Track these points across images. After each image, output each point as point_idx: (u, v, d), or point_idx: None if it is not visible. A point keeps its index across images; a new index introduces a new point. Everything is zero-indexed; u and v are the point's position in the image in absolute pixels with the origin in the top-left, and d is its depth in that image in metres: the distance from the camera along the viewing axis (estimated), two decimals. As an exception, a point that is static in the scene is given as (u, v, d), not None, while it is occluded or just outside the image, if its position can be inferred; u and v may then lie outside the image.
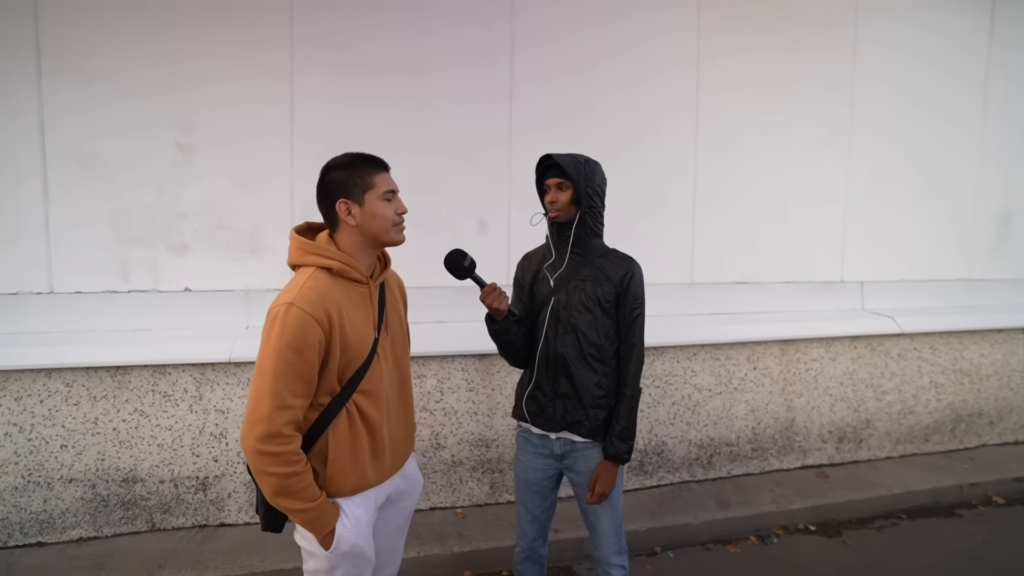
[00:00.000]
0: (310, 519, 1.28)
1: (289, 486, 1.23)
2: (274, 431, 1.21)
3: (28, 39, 2.51)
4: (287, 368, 1.22)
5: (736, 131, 3.39)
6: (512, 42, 3.04)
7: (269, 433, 1.20)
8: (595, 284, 1.74)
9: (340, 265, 1.34)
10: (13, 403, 2.42)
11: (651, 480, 3.17)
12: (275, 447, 1.21)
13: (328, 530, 1.31)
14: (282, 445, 1.22)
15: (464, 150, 3.01)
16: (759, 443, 3.34)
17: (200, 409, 2.60)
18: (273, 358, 1.22)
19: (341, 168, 1.37)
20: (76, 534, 2.52)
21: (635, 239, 3.19)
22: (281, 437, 1.22)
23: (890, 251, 3.74)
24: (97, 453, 2.51)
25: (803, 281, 3.57)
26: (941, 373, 3.66)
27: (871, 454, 3.56)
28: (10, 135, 2.52)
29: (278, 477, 1.22)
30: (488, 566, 2.57)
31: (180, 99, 2.67)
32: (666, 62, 3.27)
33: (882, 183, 3.68)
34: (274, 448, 1.21)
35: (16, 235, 2.56)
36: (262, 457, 1.21)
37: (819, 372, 3.42)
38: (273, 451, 1.21)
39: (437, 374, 2.85)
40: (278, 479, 1.22)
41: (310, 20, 2.78)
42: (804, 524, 2.99)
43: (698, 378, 3.20)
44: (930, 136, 3.75)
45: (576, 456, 1.77)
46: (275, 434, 1.21)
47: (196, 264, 2.74)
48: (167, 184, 2.70)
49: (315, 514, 1.28)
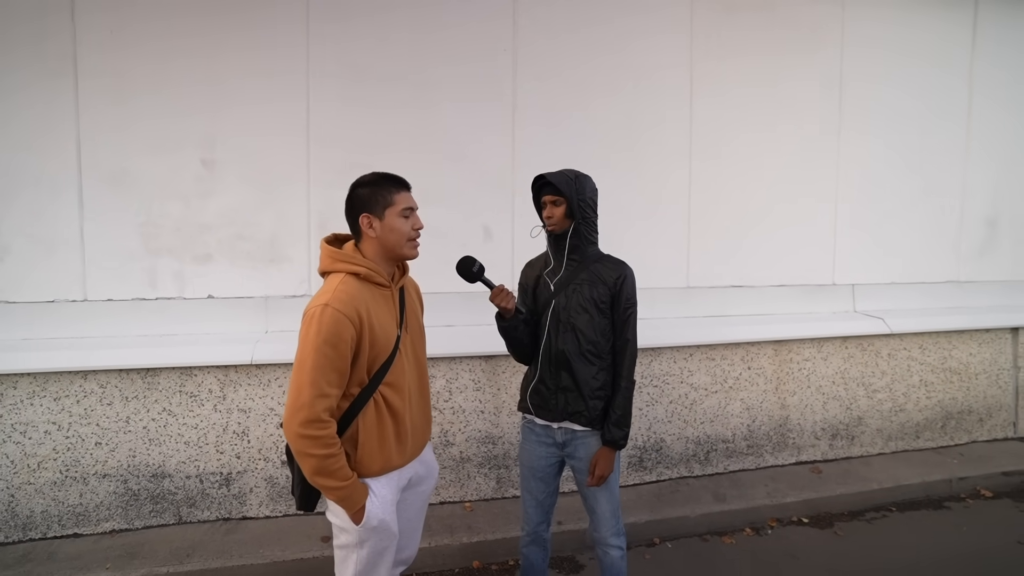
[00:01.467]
0: (343, 496, 1.44)
1: (327, 466, 1.40)
2: (314, 416, 1.38)
3: (67, 63, 2.71)
4: (324, 361, 1.39)
5: (729, 136, 3.55)
6: (514, 51, 3.21)
7: (310, 418, 1.37)
8: (591, 287, 1.90)
9: (366, 271, 1.52)
10: (52, 403, 2.60)
11: (650, 475, 3.31)
12: (315, 431, 1.38)
13: (359, 507, 1.47)
14: (321, 429, 1.39)
15: (469, 159, 3.18)
16: (754, 440, 3.47)
17: (224, 409, 2.76)
18: (312, 353, 1.39)
19: (366, 186, 1.56)
20: (109, 526, 2.68)
21: (631, 244, 3.36)
22: (320, 422, 1.39)
23: (881, 254, 3.88)
24: (129, 450, 2.68)
25: (796, 284, 3.71)
26: (931, 372, 3.80)
27: (863, 450, 3.69)
28: (49, 153, 2.71)
29: (317, 458, 1.39)
30: (495, 556, 2.71)
31: (204, 117, 2.86)
32: (661, 74, 3.43)
33: (872, 186, 3.83)
34: (314, 432, 1.38)
35: (54, 247, 2.74)
36: (304, 440, 1.38)
37: (811, 371, 3.56)
38: (313, 435, 1.38)
39: (446, 375, 3.01)
40: (317, 460, 1.39)
41: (324, 40, 2.97)
42: (797, 517, 3.12)
43: (694, 377, 3.34)
44: (918, 140, 3.90)
45: (576, 444, 1.93)
46: (315, 419, 1.38)
47: (219, 273, 2.92)
48: (192, 197, 2.88)
49: (348, 492, 1.44)
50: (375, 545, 1.52)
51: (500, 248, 3.25)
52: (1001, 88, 4.05)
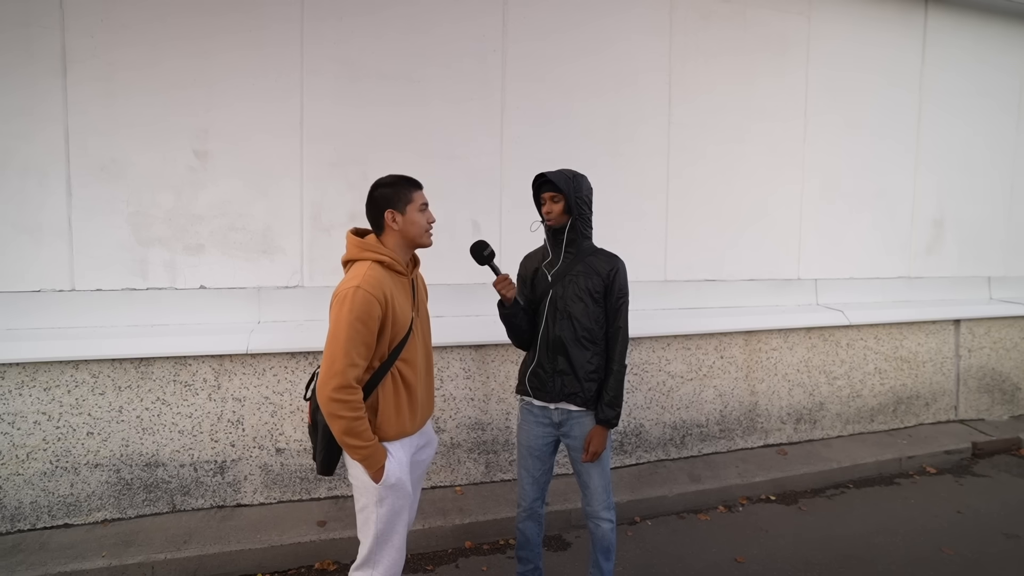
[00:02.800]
0: (367, 455, 1.62)
1: (354, 428, 1.58)
2: (346, 383, 1.56)
3: (55, 51, 2.67)
4: (356, 335, 1.57)
5: (704, 141, 3.76)
6: (503, 52, 3.32)
7: (342, 384, 1.55)
8: (586, 278, 2.06)
9: (390, 260, 1.71)
10: (42, 393, 2.58)
11: (630, 459, 3.49)
12: (346, 396, 1.56)
13: (380, 466, 1.64)
14: (351, 395, 1.57)
15: (459, 156, 3.28)
16: (726, 424, 3.70)
17: (218, 398, 2.79)
18: (346, 328, 1.56)
19: (388, 186, 1.75)
20: (101, 516, 2.68)
21: (615, 241, 3.49)
22: (351, 388, 1.57)
23: (840, 252, 4.17)
24: (122, 439, 2.68)
25: (765, 279, 3.96)
26: (884, 360, 4.11)
27: (824, 433, 3.98)
28: (37, 141, 2.67)
29: (347, 420, 1.57)
30: (486, 536, 2.84)
31: (197, 108, 2.86)
32: (641, 77, 3.60)
33: (833, 189, 4.12)
34: (345, 396, 1.56)
35: (40, 236, 2.71)
36: (336, 403, 1.56)
37: (778, 360, 3.81)
38: (344, 399, 1.56)
39: (437, 363, 3.11)
40: (347, 421, 1.57)
41: (318, 38, 3.01)
42: (766, 495, 3.36)
43: (671, 366, 3.54)
44: (873, 148, 4.21)
45: (572, 423, 2.08)
46: (347, 385, 1.56)
47: (211, 263, 2.94)
48: (184, 188, 2.88)
49: (371, 451, 1.62)
50: (393, 503, 1.68)
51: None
52: (949, 96, 4.40)
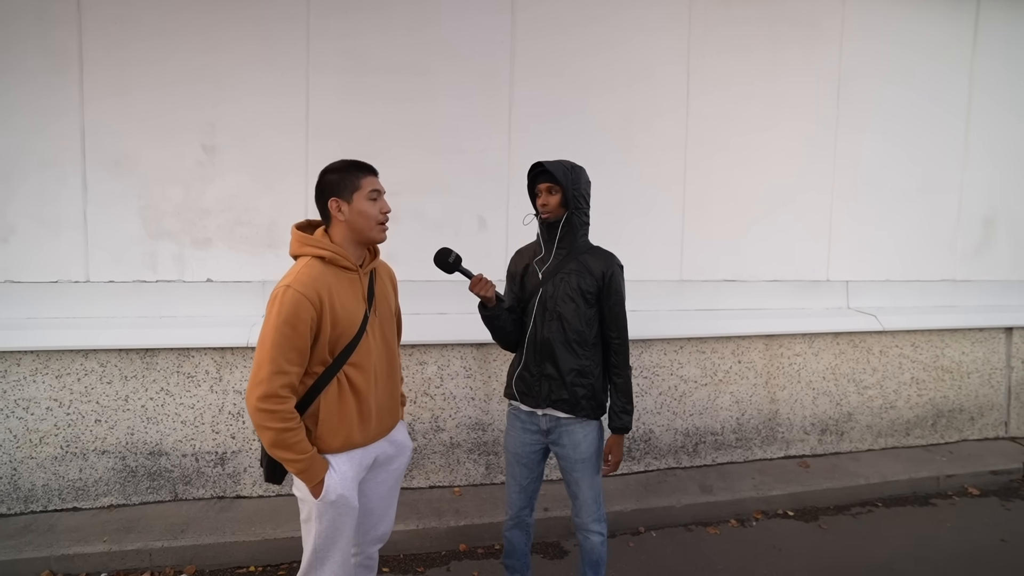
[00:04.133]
0: (302, 469, 1.49)
1: (284, 439, 1.45)
2: (271, 392, 1.43)
3: (72, 49, 2.77)
4: (283, 340, 1.44)
5: (725, 133, 3.57)
6: (512, 45, 3.24)
7: (267, 393, 1.43)
8: (579, 277, 1.93)
9: (331, 254, 1.56)
10: (54, 380, 2.67)
11: (638, 466, 3.35)
12: (272, 405, 1.44)
13: (318, 480, 1.52)
14: (278, 404, 1.44)
15: (465, 151, 3.22)
16: (743, 433, 3.51)
17: (220, 390, 2.83)
18: (272, 331, 1.44)
19: (335, 172, 1.60)
20: (107, 501, 2.76)
21: (626, 238, 3.40)
22: (277, 397, 1.44)
23: (876, 252, 3.89)
24: (127, 428, 2.76)
25: (789, 280, 3.74)
26: (923, 370, 3.81)
27: (852, 446, 3.72)
28: (54, 138, 2.78)
29: (274, 431, 1.44)
30: (482, 540, 2.77)
31: (205, 103, 2.92)
32: (657, 69, 3.46)
33: (868, 183, 3.84)
34: (271, 406, 1.44)
35: (58, 229, 2.82)
36: (261, 414, 1.44)
37: (802, 367, 3.58)
38: (270, 409, 1.44)
39: (437, 361, 3.06)
40: (274, 432, 1.45)
41: (324, 33, 3.01)
42: (783, 510, 3.16)
43: (684, 370, 3.38)
44: (916, 136, 3.90)
45: (560, 431, 1.97)
46: (272, 395, 1.44)
47: (218, 257, 2.99)
48: (192, 182, 2.94)
49: (306, 465, 1.49)
50: (334, 519, 1.56)
51: (495, 238, 3.29)
52: (1003, 86, 4.04)
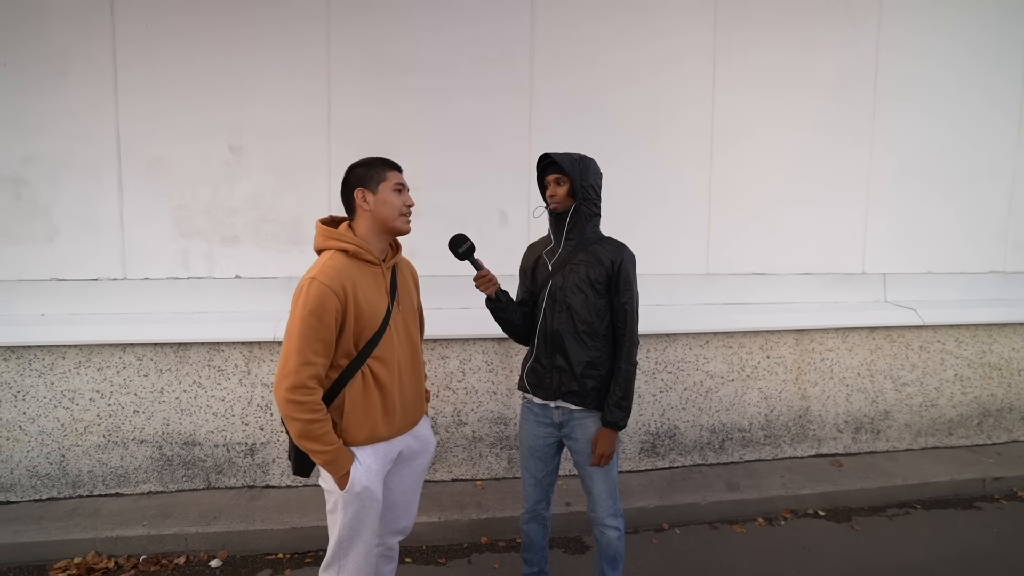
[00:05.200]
0: (328, 460, 1.52)
1: (311, 431, 1.49)
2: (299, 383, 1.46)
3: (107, 56, 2.89)
4: (310, 331, 1.47)
5: (753, 122, 3.45)
6: (531, 41, 3.22)
7: (295, 384, 1.46)
8: (588, 267, 1.91)
9: (355, 248, 1.59)
10: (96, 373, 2.82)
11: (663, 462, 3.30)
12: (300, 396, 1.47)
13: (343, 472, 1.55)
14: (305, 395, 1.47)
15: (486, 147, 3.22)
16: (772, 430, 3.41)
17: (249, 383, 2.93)
18: (299, 323, 1.48)
19: (362, 166, 1.65)
20: (146, 488, 2.90)
21: (650, 231, 3.34)
22: (305, 388, 1.47)
23: (916, 243, 3.70)
24: (163, 419, 2.88)
25: (822, 272, 3.60)
26: (967, 366, 3.61)
27: (889, 445, 3.57)
28: (92, 142, 2.91)
29: (302, 422, 1.48)
30: (503, 533, 2.78)
31: (231, 105, 3.00)
32: (682, 59, 3.36)
33: (908, 170, 3.65)
34: (299, 397, 1.46)
35: (96, 229, 2.95)
36: (289, 405, 1.47)
37: (835, 362, 3.45)
38: (298, 400, 1.46)
39: (459, 355, 3.08)
40: (302, 424, 1.48)
41: (345, 33, 3.05)
42: (814, 509, 3.06)
43: (710, 365, 3.30)
44: (962, 119, 3.68)
45: (573, 425, 1.96)
46: (300, 385, 1.46)
47: (245, 254, 3.08)
48: (220, 182, 3.03)
49: (332, 456, 1.52)
50: (358, 511, 1.59)
51: (516, 233, 3.28)
52: (1060, 64, 3.77)
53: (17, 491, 2.83)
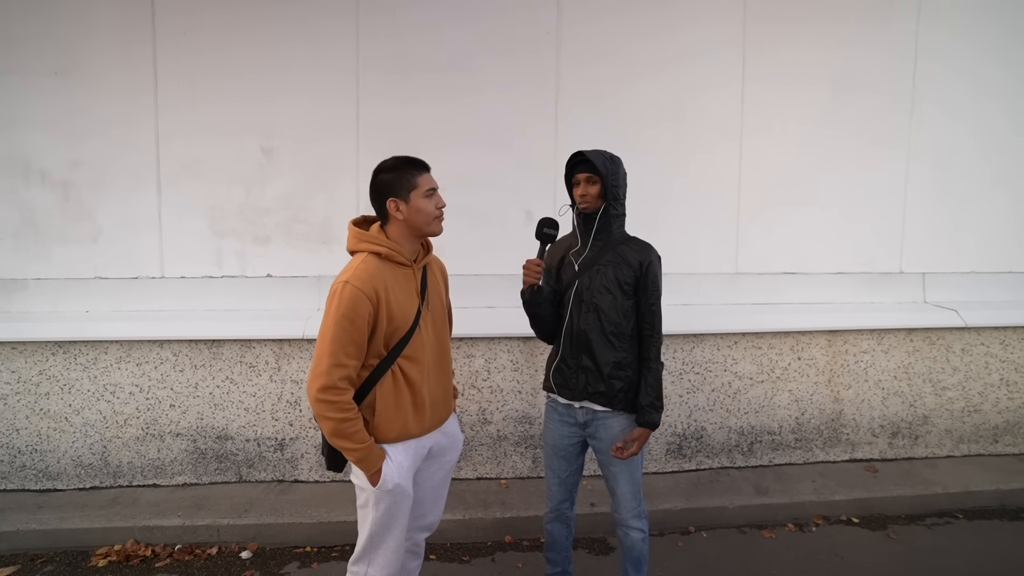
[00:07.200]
0: (360, 458, 1.55)
1: (343, 429, 1.52)
2: (331, 384, 1.49)
3: (147, 62, 3.01)
4: (342, 334, 1.50)
5: (784, 119, 3.37)
6: (558, 36, 3.21)
7: (327, 385, 1.49)
8: (616, 268, 1.90)
9: (387, 251, 1.61)
10: (135, 368, 2.93)
11: (689, 464, 3.25)
12: (331, 396, 1.50)
13: (375, 469, 1.57)
14: (337, 395, 1.51)
15: (511, 144, 3.22)
16: (803, 433, 3.32)
17: (279, 379, 3.00)
18: (332, 326, 1.50)
19: (389, 171, 1.63)
20: (181, 479, 3.00)
21: (676, 228, 3.30)
22: (336, 389, 1.50)
23: (958, 242, 3.55)
24: (197, 413, 2.98)
25: (857, 272, 3.48)
26: (1014, 371, 3.45)
27: (929, 451, 3.43)
28: (133, 146, 3.04)
29: (334, 421, 1.51)
30: (527, 532, 2.78)
31: (262, 106, 3.08)
32: (710, 52, 3.31)
33: (949, 165, 3.50)
34: (331, 397, 1.50)
35: (136, 229, 3.07)
36: (321, 404, 1.50)
37: (870, 364, 3.34)
38: (330, 400, 1.50)
39: (485, 354, 3.09)
40: (334, 423, 1.51)
41: (372, 31, 3.10)
42: (847, 516, 2.97)
43: (739, 366, 3.24)
44: (1006, 116, 3.52)
45: (597, 425, 1.95)
46: (331, 386, 1.50)
47: (276, 253, 3.16)
48: (253, 183, 3.12)
49: (364, 454, 1.55)
50: (390, 507, 1.61)
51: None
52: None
53: (63, 479, 2.96)
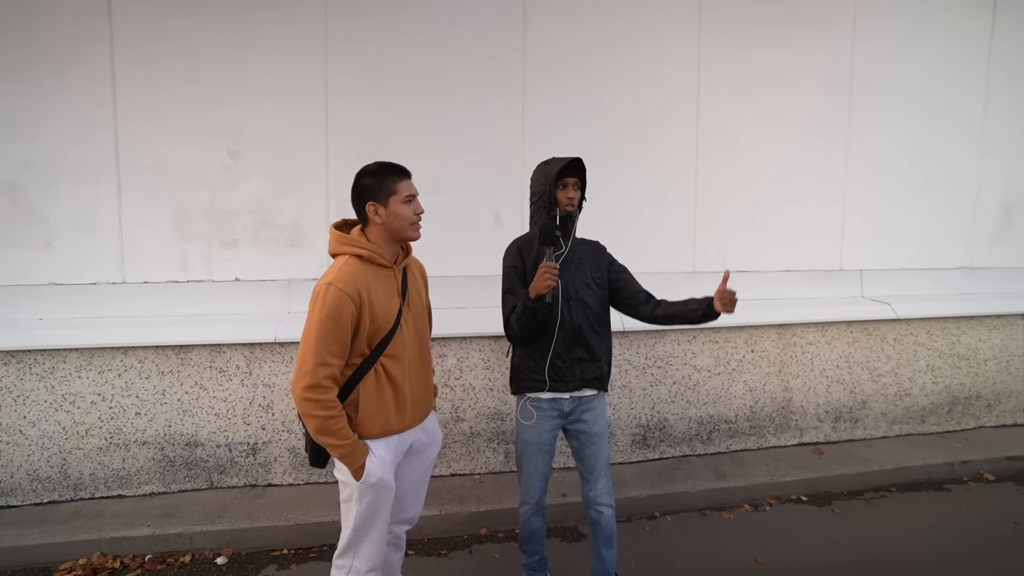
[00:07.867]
0: (344, 454, 1.62)
1: (328, 426, 1.58)
2: (315, 383, 1.55)
3: (105, 60, 2.91)
4: (326, 334, 1.56)
5: (736, 126, 3.60)
6: (524, 45, 3.31)
7: (311, 384, 1.55)
8: (589, 266, 2.12)
9: (369, 253, 1.67)
10: (97, 376, 2.84)
11: (653, 453, 3.43)
12: (316, 395, 1.56)
13: (359, 464, 1.64)
14: (321, 394, 1.56)
15: (480, 150, 3.31)
16: (756, 421, 3.57)
17: (250, 383, 2.97)
18: (316, 326, 1.56)
19: (371, 175, 1.69)
20: (148, 489, 2.93)
21: (639, 230, 3.46)
22: (321, 387, 1.56)
23: (890, 241, 3.89)
24: (165, 420, 2.92)
25: (802, 270, 3.76)
26: (938, 357, 3.82)
27: (867, 433, 3.75)
28: (90, 145, 2.93)
29: (319, 419, 1.57)
30: (502, 525, 2.88)
31: (229, 109, 3.04)
32: (669, 60, 3.49)
33: (882, 173, 3.84)
34: (315, 396, 1.56)
35: (94, 233, 2.97)
36: (306, 403, 1.56)
37: (815, 355, 3.62)
38: (314, 398, 1.56)
39: (457, 353, 3.17)
40: (319, 420, 1.57)
41: (341, 38, 3.11)
42: (797, 495, 3.22)
43: (698, 359, 3.44)
44: (931, 129, 3.88)
45: (583, 408, 2.12)
46: (316, 385, 1.55)
47: (244, 257, 3.12)
48: (219, 186, 3.07)
49: (348, 450, 1.61)
50: (373, 501, 1.68)
51: (510, 233, 3.30)
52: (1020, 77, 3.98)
53: (18, 495, 2.84)
